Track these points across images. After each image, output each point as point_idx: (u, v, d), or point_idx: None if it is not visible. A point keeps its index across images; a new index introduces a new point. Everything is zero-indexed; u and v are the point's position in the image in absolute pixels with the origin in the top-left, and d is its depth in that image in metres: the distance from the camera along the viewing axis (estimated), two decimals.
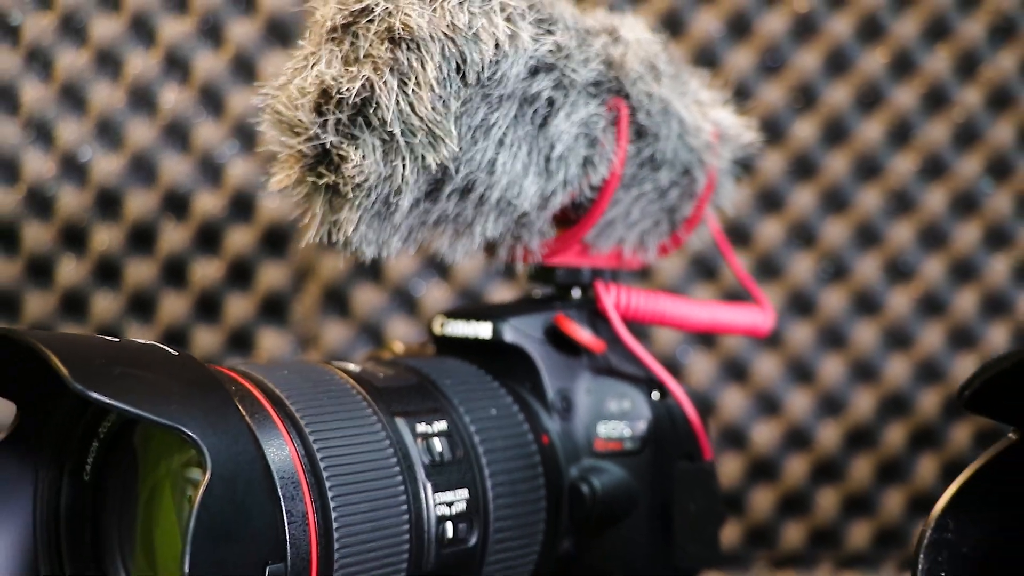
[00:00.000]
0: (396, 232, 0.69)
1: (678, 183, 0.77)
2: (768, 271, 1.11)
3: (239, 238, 1.09)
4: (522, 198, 0.71)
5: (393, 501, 0.65)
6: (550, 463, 0.74)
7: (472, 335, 0.77)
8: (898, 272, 1.11)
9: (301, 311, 1.10)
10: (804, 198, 1.11)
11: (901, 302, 1.11)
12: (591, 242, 0.78)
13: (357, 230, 0.66)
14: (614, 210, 0.76)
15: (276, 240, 1.10)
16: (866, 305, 1.11)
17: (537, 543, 0.73)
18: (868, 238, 1.11)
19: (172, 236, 1.09)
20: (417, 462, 0.67)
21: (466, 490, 0.69)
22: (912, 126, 1.11)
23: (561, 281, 0.79)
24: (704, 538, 0.76)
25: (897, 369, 1.11)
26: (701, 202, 0.79)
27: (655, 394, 0.76)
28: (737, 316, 0.84)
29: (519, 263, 0.77)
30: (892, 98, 1.11)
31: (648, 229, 0.79)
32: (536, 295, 0.82)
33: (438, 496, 0.67)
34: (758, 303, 0.85)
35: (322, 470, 0.62)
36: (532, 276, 0.81)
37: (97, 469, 0.64)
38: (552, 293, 0.80)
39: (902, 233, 1.11)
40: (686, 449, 0.76)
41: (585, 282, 0.79)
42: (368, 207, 0.66)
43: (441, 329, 0.78)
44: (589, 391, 0.77)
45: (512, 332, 0.76)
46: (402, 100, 0.64)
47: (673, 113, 0.75)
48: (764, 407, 1.11)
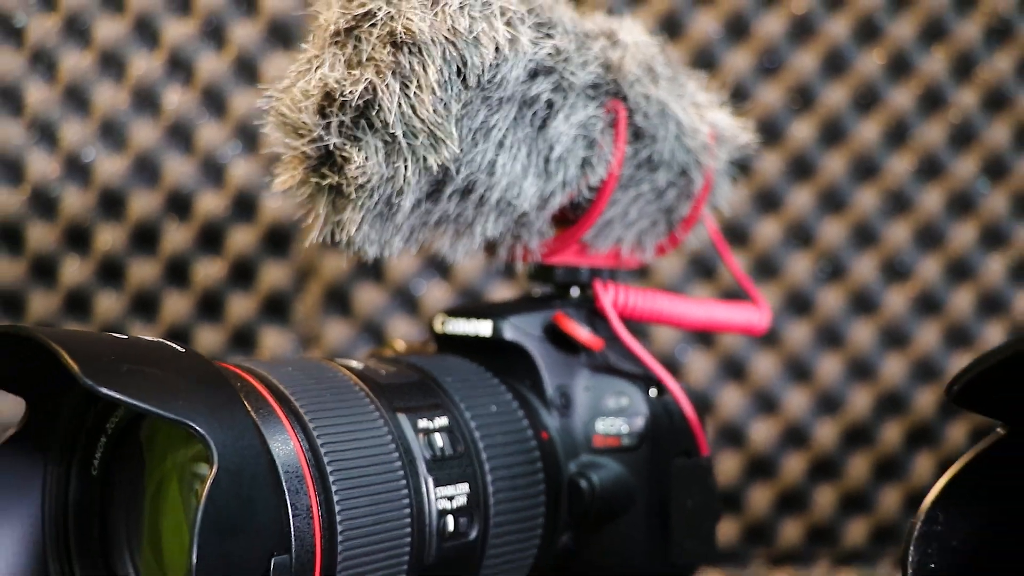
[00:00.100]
0: (398, 232, 0.69)
1: (675, 184, 0.77)
2: (766, 270, 1.11)
3: (241, 238, 1.09)
4: (522, 198, 0.71)
5: (395, 495, 0.65)
6: (549, 459, 0.74)
7: (472, 333, 0.77)
8: (895, 272, 1.11)
9: (303, 310, 1.10)
10: (802, 198, 1.11)
11: (898, 301, 1.11)
12: (589, 242, 0.78)
13: (360, 230, 0.67)
14: (612, 210, 0.76)
15: (278, 240, 1.10)
16: (863, 304, 1.11)
17: (536, 537, 0.73)
18: (865, 238, 1.11)
19: (175, 236, 1.09)
20: (419, 457, 0.67)
21: (467, 485, 0.69)
22: (909, 127, 1.11)
23: (560, 280, 0.79)
24: (701, 533, 0.76)
25: (894, 368, 1.10)
26: (698, 202, 0.79)
27: (652, 391, 0.76)
28: (733, 314, 0.84)
29: (519, 262, 0.78)
30: (889, 99, 1.11)
31: (646, 229, 0.79)
32: (535, 294, 0.82)
33: (439, 490, 0.67)
34: (754, 302, 0.85)
35: (326, 464, 0.62)
36: (531, 275, 0.81)
37: (105, 464, 0.64)
38: (551, 292, 0.80)
39: (899, 233, 1.11)
40: (683, 445, 0.76)
41: (584, 281, 0.79)
42: (371, 207, 0.66)
43: (442, 327, 0.78)
44: (587, 388, 0.77)
45: (512, 330, 0.76)
46: (404, 103, 0.64)
47: (670, 115, 0.75)
48: (762, 406, 1.11)
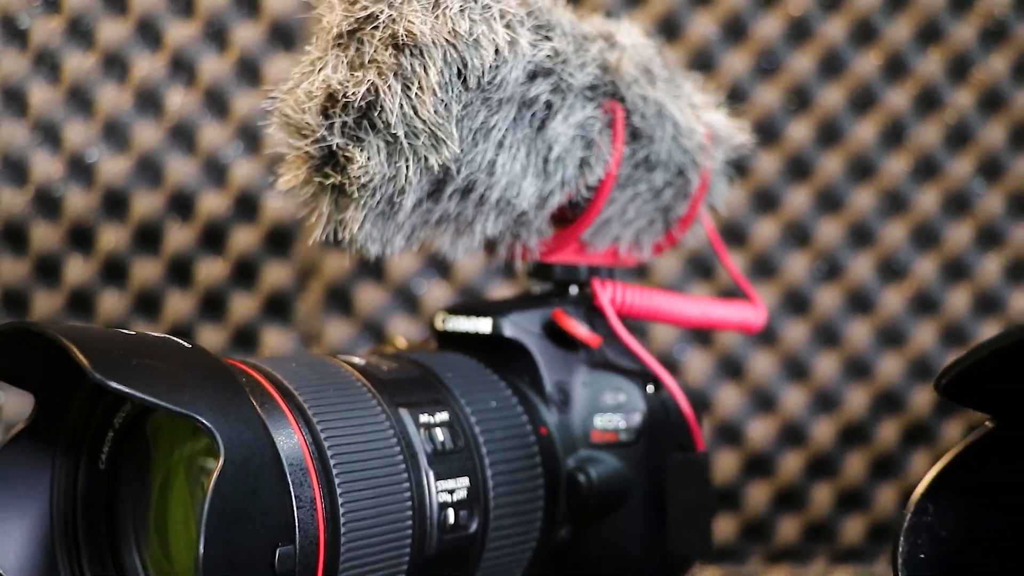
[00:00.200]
0: (400, 230, 0.70)
1: (672, 183, 0.78)
2: (763, 270, 1.11)
3: (243, 238, 1.10)
4: (521, 198, 0.71)
5: (397, 488, 0.65)
6: (548, 453, 0.74)
7: (472, 330, 0.77)
8: (891, 271, 1.11)
9: (304, 309, 1.11)
10: (799, 198, 1.11)
11: (894, 301, 1.11)
12: (588, 240, 0.78)
13: (362, 228, 0.67)
14: (610, 209, 0.77)
15: (280, 240, 1.10)
16: (859, 304, 1.11)
17: (535, 530, 0.73)
18: (861, 238, 1.11)
19: (178, 236, 1.09)
20: (420, 451, 0.68)
21: (467, 478, 0.69)
22: (905, 127, 1.11)
23: (559, 278, 0.80)
24: (697, 527, 0.76)
25: (890, 367, 1.11)
26: (695, 202, 0.79)
27: (649, 387, 0.77)
28: (729, 312, 0.84)
29: (518, 261, 0.78)
30: (885, 100, 1.11)
31: (643, 228, 0.79)
32: (535, 292, 0.82)
33: (440, 484, 0.67)
34: (750, 300, 0.85)
35: (329, 458, 0.63)
36: (531, 273, 0.81)
37: (112, 458, 0.64)
38: (550, 290, 0.80)
39: (895, 233, 1.11)
40: (679, 440, 0.77)
41: (582, 279, 0.80)
42: (373, 206, 0.67)
43: (442, 324, 0.78)
44: (586, 384, 0.77)
45: (511, 327, 0.76)
46: (405, 104, 0.65)
47: (667, 116, 0.76)
48: (759, 404, 1.11)
